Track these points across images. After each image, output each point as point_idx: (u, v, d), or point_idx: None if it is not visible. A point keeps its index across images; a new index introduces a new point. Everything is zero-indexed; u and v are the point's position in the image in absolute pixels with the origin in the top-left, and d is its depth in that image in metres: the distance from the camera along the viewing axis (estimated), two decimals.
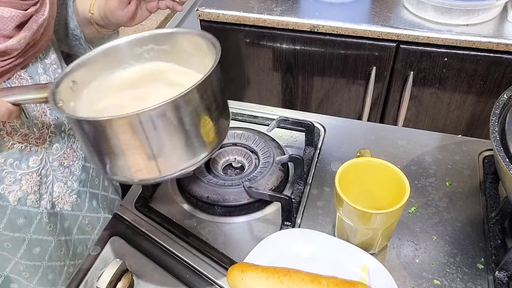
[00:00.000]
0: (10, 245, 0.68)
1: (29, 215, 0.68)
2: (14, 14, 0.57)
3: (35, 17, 0.62)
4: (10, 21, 0.57)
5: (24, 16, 0.59)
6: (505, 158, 0.58)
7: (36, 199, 0.69)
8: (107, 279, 0.58)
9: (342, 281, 0.56)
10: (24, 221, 0.68)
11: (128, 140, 0.48)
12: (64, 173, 0.73)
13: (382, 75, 1.30)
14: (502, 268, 0.62)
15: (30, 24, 0.61)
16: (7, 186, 0.65)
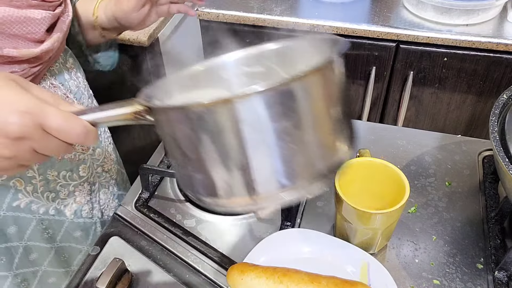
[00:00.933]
0: (67, 257, 0.68)
1: (85, 227, 0.68)
2: (45, 16, 0.55)
3: (63, 18, 0.60)
4: (42, 23, 0.55)
5: (53, 17, 0.57)
6: (504, 158, 0.58)
7: (89, 209, 0.69)
8: (106, 279, 0.58)
9: (342, 281, 0.56)
10: (81, 234, 0.68)
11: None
12: (106, 178, 0.73)
13: (382, 75, 1.30)
14: (501, 268, 0.62)
15: (60, 25, 0.59)
16: (61, 200, 0.65)
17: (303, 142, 0.37)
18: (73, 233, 0.69)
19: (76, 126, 0.39)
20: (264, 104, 0.34)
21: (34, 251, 0.65)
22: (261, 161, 0.36)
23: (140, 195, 0.75)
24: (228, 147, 0.36)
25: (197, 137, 0.36)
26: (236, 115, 0.34)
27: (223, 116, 0.34)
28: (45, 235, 0.66)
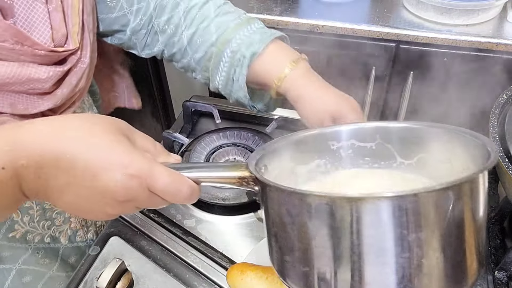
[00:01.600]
0: (61, 285, 0.67)
1: (79, 252, 0.68)
2: (52, 74, 0.51)
3: (75, 69, 0.55)
4: (47, 81, 0.51)
5: (62, 73, 0.52)
6: (504, 158, 0.58)
7: (84, 233, 0.68)
8: (106, 279, 0.58)
9: None
10: (76, 258, 0.68)
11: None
12: None
13: (381, 75, 1.30)
14: (501, 268, 0.62)
15: (69, 79, 0.54)
16: (57, 227, 0.65)
17: (428, 262, 0.32)
18: (68, 259, 0.68)
19: (183, 188, 0.37)
20: (392, 210, 0.30)
21: (28, 274, 0.64)
22: (373, 273, 0.32)
23: None
24: (342, 247, 0.32)
25: (307, 227, 0.33)
26: (359, 216, 0.31)
27: (344, 213, 0.31)
28: (42, 262, 0.65)
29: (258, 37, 0.59)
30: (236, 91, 0.62)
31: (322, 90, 0.58)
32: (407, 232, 0.31)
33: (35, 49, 0.49)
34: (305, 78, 0.59)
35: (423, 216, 0.31)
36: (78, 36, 0.54)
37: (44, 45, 0.50)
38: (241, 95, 0.62)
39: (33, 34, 0.49)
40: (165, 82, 1.76)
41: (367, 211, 0.31)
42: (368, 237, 0.31)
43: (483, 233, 0.35)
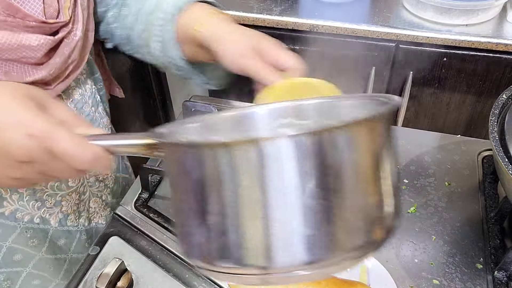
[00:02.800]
0: (51, 268, 0.67)
1: (70, 236, 0.68)
2: (43, 42, 0.51)
3: (67, 40, 0.56)
4: (38, 50, 0.51)
5: (54, 41, 0.53)
6: (504, 158, 0.58)
7: (75, 218, 0.68)
8: (106, 279, 0.58)
9: (341, 281, 0.56)
10: (65, 241, 0.68)
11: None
12: (100, 188, 0.72)
13: (381, 75, 1.30)
14: (501, 268, 0.62)
15: (61, 50, 0.55)
16: (47, 209, 0.65)
17: (339, 204, 0.31)
18: (57, 242, 0.68)
19: (85, 152, 0.36)
20: (295, 150, 0.29)
21: (19, 253, 0.64)
22: (283, 221, 0.30)
23: (139, 195, 0.75)
24: (246, 196, 0.30)
25: (209, 182, 0.31)
26: (261, 159, 0.29)
27: (245, 158, 0.30)
28: (30, 243, 0.65)
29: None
30: (171, 53, 0.64)
31: (241, 29, 0.59)
32: (306, 176, 0.30)
33: (27, 20, 0.50)
34: (225, 22, 0.60)
35: (319, 157, 0.30)
36: (70, 11, 0.55)
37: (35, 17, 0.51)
38: (175, 55, 0.63)
39: (25, 8, 0.50)
40: (165, 82, 1.76)
41: (265, 153, 0.29)
42: (270, 181, 0.30)
43: (389, 181, 0.34)
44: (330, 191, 0.31)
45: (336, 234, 0.31)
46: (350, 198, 0.32)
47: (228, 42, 0.57)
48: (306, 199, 0.30)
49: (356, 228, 0.32)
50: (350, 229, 0.32)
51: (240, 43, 0.57)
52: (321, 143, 0.30)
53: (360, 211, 0.32)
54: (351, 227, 0.32)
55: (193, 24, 0.60)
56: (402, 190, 0.75)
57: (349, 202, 0.32)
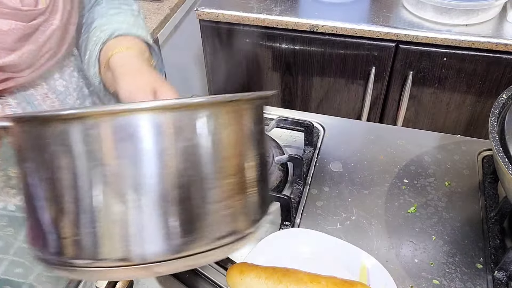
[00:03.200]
0: (12, 230, 0.67)
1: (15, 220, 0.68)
2: (14, 27, 0.52)
3: (42, 28, 0.56)
4: (9, 35, 0.52)
5: (27, 28, 0.54)
6: (504, 158, 0.58)
7: None
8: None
9: (341, 281, 0.56)
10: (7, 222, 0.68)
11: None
12: None
13: (381, 75, 1.30)
14: (501, 268, 0.62)
15: (35, 37, 0.56)
16: None
17: (198, 192, 0.29)
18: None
19: None
20: (152, 126, 0.28)
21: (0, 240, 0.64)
22: (141, 210, 0.28)
23: None
24: (98, 178, 0.28)
25: (56, 163, 0.29)
26: (116, 133, 0.28)
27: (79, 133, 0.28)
28: (7, 232, 0.65)
29: (126, 26, 0.63)
30: (91, 70, 0.65)
31: (150, 71, 0.59)
32: (164, 160, 0.28)
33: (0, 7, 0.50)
34: (140, 60, 0.60)
35: (176, 136, 0.28)
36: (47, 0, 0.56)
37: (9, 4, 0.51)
38: (93, 73, 0.64)
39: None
40: None
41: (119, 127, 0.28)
42: (123, 169, 0.28)
43: (253, 172, 0.33)
44: (189, 176, 0.29)
45: (196, 223, 0.30)
46: (210, 185, 0.30)
47: (131, 73, 0.57)
48: (163, 186, 0.28)
49: (217, 217, 0.31)
50: (211, 218, 0.30)
51: (142, 79, 0.56)
52: (179, 121, 0.28)
53: (221, 200, 0.31)
54: (212, 217, 0.30)
55: (113, 48, 0.61)
56: (402, 190, 0.75)
57: (209, 190, 0.30)
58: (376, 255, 0.65)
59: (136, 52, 0.61)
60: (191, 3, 1.68)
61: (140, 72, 0.57)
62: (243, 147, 0.32)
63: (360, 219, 0.71)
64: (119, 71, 0.58)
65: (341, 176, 0.78)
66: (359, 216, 0.71)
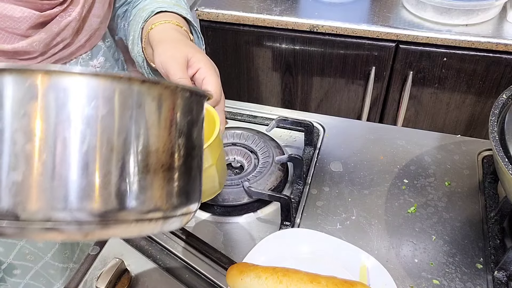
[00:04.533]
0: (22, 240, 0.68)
1: None
2: (27, 15, 0.52)
3: (59, 18, 0.56)
4: (22, 22, 0.52)
5: (42, 17, 0.54)
6: (504, 158, 0.58)
7: None
8: (106, 279, 0.58)
9: (341, 281, 0.56)
10: None
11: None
12: None
13: (381, 75, 1.30)
14: (501, 268, 0.62)
15: (49, 26, 0.56)
16: None
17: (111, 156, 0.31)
18: None
19: None
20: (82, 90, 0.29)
21: None
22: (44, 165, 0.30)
23: None
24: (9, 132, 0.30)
25: None
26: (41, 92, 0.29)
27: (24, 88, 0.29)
28: None
29: (167, 5, 0.64)
30: (135, 50, 0.65)
31: (186, 42, 0.60)
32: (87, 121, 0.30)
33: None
34: (177, 32, 0.60)
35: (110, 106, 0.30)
36: None
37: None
38: (137, 51, 0.65)
39: None
40: None
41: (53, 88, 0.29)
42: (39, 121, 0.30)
43: (181, 158, 0.34)
44: (108, 143, 0.31)
45: (95, 188, 0.30)
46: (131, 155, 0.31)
47: (167, 43, 0.58)
48: (81, 145, 0.30)
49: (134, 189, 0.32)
50: (123, 187, 0.31)
51: (177, 48, 0.57)
52: (106, 89, 0.30)
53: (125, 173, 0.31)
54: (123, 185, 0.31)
55: (152, 23, 0.62)
56: (402, 190, 0.75)
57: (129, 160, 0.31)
58: (376, 255, 0.65)
59: (174, 25, 0.61)
60: (191, 3, 1.68)
61: (176, 42, 0.57)
62: (154, 130, 0.34)
63: (360, 219, 0.71)
64: (156, 41, 0.58)
65: (341, 176, 0.78)
66: (359, 216, 0.71)
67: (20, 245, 0.69)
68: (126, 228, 0.33)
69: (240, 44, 1.36)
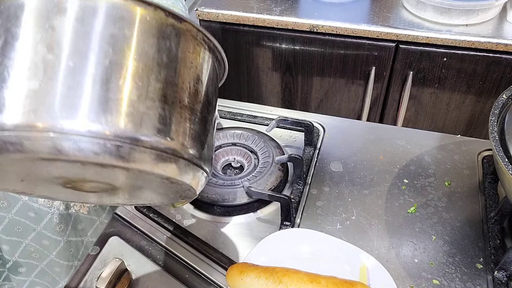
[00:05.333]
0: (21, 229, 0.68)
1: (40, 212, 0.68)
2: None
3: None
4: None
5: None
6: (504, 158, 0.58)
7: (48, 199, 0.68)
8: (106, 279, 0.58)
9: (341, 281, 0.56)
10: (34, 216, 0.68)
11: None
12: None
13: (381, 75, 1.30)
14: (501, 268, 0.62)
15: None
16: None
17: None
18: (27, 212, 0.69)
19: None
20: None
21: None
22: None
23: None
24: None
25: None
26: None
27: None
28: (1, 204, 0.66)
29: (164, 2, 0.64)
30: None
31: None
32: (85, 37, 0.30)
33: None
34: None
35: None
36: None
37: None
38: None
39: None
40: None
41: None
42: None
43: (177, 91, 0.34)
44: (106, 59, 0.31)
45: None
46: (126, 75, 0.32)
47: None
48: (103, 60, 0.31)
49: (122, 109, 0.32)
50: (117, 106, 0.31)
51: None
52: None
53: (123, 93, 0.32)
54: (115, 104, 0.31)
55: None
56: (402, 190, 0.75)
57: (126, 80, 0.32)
58: (376, 255, 0.65)
59: None
60: (191, 3, 1.68)
61: None
62: (174, 63, 0.35)
63: (360, 219, 0.71)
64: None
65: (341, 176, 0.78)
66: (359, 216, 0.71)
67: (25, 243, 0.70)
68: (139, 158, 0.32)
69: (240, 44, 1.36)
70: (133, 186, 0.39)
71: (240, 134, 0.84)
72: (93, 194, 0.42)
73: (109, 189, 0.40)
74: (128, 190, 0.40)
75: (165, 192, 0.41)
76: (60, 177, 0.35)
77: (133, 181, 0.37)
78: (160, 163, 0.34)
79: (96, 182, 0.37)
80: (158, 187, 0.39)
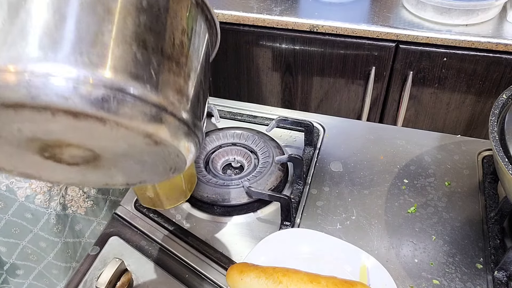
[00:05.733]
0: (17, 230, 0.68)
1: (36, 213, 0.68)
2: None
3: None
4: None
5: None
6: (504, 158, 0.58)
7: (45, 199, 0.68)
8: (106, 279, 0.58)
9: (341, 281, 0.56)
10: (31, 217, 0.68)
11: None
12: None
13: (381, 75, 1.30)
14: (501, 268, 0.62)
15: None
16: (16, 182, 0.65)
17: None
18: (24, 213, 0.68)
19: None
20: None
21: None
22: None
23: None
24: None
25: None
26: None
27: None
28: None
29: None
30: None
31: None
32: None
33: None
34: None
35: None
36: None
37: None
38: None
39: None
40: None
41: None
42: None
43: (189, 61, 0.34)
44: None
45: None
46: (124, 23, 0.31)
47: None
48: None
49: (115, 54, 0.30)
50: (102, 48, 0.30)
51: None
52: None
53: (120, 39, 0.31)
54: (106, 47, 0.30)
55: None
56: (402, 190, 0.75)
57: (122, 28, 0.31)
58: (376, 255, 0.65)
59: None
60: None
61: None
62: (165, 15, 0.34)
63: (360, 219, 0.71)
64: None
65: (341, 176, 0.78)
66: (359, 216, 0.71)
67: (23, 244, 0.70)
68: (125, 112, 0.30)
69: (240, 44, 1.36)
70: (114, 153, 0.36)
71: (240, 134, 0.84)
72: (76, 170, 0.38)
73: (91, 160, 0.37)
74: (111, 160, 0.37)
75: (152, 161, 0.37)
76: (34, 139, 0.33)
77: (112, 142, 0.34)
78: (136, 112, 0.31)
79: (75, 147, 0.34)
80: (143, 154, 0.36)
